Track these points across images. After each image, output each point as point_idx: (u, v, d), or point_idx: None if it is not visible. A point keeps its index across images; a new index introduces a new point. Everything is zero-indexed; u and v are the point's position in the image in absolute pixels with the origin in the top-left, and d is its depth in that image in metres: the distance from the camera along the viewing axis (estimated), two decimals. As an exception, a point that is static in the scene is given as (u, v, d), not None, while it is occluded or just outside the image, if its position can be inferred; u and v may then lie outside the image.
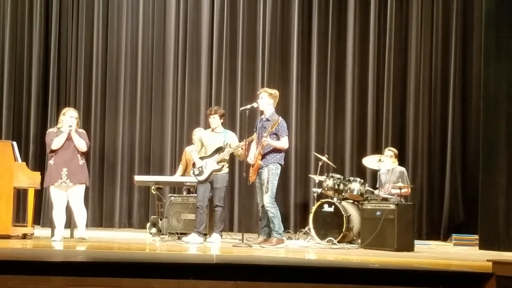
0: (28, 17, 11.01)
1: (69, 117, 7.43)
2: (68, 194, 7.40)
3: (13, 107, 10.90)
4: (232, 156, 7.94)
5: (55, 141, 7.37)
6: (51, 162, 7.43)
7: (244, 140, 7.49)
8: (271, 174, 7.22)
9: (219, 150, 7.62)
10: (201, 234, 7.53)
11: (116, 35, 10.95)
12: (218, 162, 7.60)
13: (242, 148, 7.59)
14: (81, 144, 7.40)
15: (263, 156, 7.27)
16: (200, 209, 7.58)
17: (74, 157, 7.36)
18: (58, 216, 7.41)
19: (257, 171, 7.28)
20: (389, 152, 8.45)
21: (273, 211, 7.21)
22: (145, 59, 10.88)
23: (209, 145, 7.71)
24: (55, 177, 7.32)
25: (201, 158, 7.70)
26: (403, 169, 8.53)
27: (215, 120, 7.74)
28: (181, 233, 7.94)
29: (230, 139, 7.73)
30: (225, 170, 7.71)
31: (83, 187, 7.45)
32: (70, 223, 7.74)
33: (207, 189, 7.68)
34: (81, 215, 7.45)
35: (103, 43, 10.94)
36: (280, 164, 7.34)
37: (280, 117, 7.39)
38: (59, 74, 10.88)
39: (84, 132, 7.64)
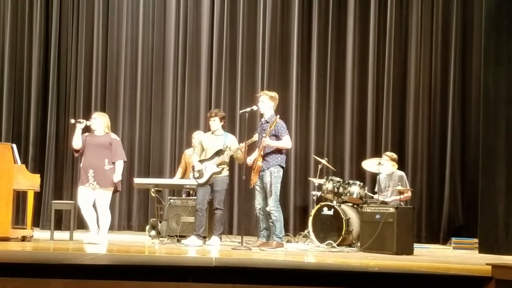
0: (28, 20, 11.01)
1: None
2: (95, 197, 7.43)
3: (13, 109, 10.90)
4: (232, 159, 7.94)
5: (73, 141, 7.54)
6: (80, 164, 7.57)
7: (244, 142, 7.50)
8: (273, 177, 7.22)
9: (218, 152, 7.63)
10: (200, 236, 7.53)
11: (116, 38, 10.96)
12: (218, 165, 7.61)
13: (241, 151, 7.60)
14: (73, 142, 7.51)
15: (264, 158, 7.27)
16: (200, 212, 7.58)
17: (101, 161, 7.39)
18: (85, 216, 7.48)
19: (258, 173, 7.27)
20: (385, 157, 8.43)
21: (277, 215, 7.21)
22: (145, 62, 10.89)
23: (209, 148, 7.71)
24: (84, 180, 7.40)
25: (201, 161, 7.70)
26: (402, 173, 8.52)
27: (215, 123, 7.74)
28: (180, 236, 7.94)
29: (230, 142, 7.73)
30: (225, 173, 7.71)
31: (109, 191, 7.45)
32: (69, 225, 7.74)
33: (206, 192, 7.68)
34: (103, 219, 7.45)
35: (103, 46, 10.94)
36: (282, 166, 7.35)
37: (278, 117, 7.38)
38: (59, 76, 10.88)
39: (117, 139, 7.60)
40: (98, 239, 7.37)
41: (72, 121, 7.68)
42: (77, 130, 7.48)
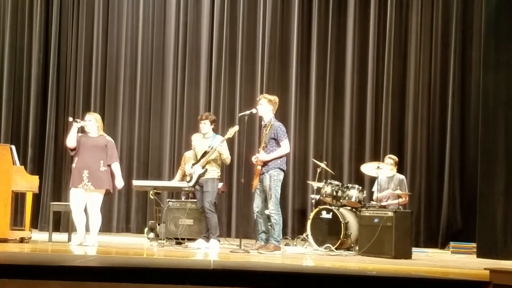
0: (28, 20, 11.00)
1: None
2: (87, 199, 7.41)
3: (12, 110, 10.88)
4: (231, 163, 7.91)
5: (67, 139, 7.51)
6: (73, 165, 7.51)
7: (226, 137, 7.53)
8: (273, 180, 7.21)
9: (204, 154, 7.63)
10: (207, 238, 7.52)
11: (116, 38, 10.95)
12: (202, 166, 7.58)
13: (220, 145, 7.55)
14: (68, 139, 7.48)
15: (265, 162, 7.27)
16: (207, 213, 7.55)
17: (96, 162, 7.38)
18: (76, 218, 7.46)
19: (258, 176, 7.27)
20: (389, 160, 8.44)
21: (277, 218, 7.20)
22: (144, 63, 10.88)
23: (198, 150, 7.74)
24: (77, 180, 7.36)
25: (194, 164, 7.70)
26: (402, 177, 8.53)
27: (205, 126, 7.74)
28: (181, 238, 7.94)
29: (215, 142, 7.69)
30: (214, 175, 7.64)
31: (102, 193, 7.43)
32: (67, 227, 7.74)
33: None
34: (94, 221, 7.45)
35: (103, 46, 10.94)
36: (282, 169, 7.34)
37: (275, 120, 7.38)
38: (58, 77, 10.87)
39: (112, 141, 7.62)
40: (89, 241, 7.35)
41: (70, 119, 7.71)
42: (73, 129, 7.47)
